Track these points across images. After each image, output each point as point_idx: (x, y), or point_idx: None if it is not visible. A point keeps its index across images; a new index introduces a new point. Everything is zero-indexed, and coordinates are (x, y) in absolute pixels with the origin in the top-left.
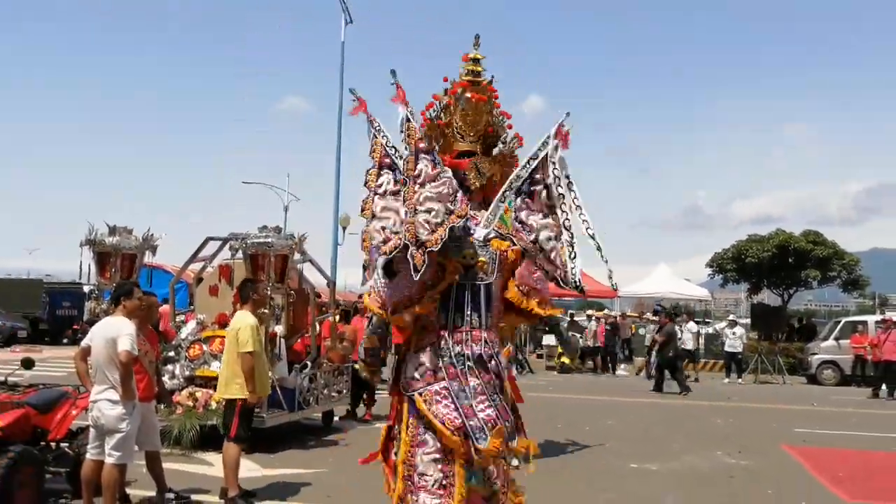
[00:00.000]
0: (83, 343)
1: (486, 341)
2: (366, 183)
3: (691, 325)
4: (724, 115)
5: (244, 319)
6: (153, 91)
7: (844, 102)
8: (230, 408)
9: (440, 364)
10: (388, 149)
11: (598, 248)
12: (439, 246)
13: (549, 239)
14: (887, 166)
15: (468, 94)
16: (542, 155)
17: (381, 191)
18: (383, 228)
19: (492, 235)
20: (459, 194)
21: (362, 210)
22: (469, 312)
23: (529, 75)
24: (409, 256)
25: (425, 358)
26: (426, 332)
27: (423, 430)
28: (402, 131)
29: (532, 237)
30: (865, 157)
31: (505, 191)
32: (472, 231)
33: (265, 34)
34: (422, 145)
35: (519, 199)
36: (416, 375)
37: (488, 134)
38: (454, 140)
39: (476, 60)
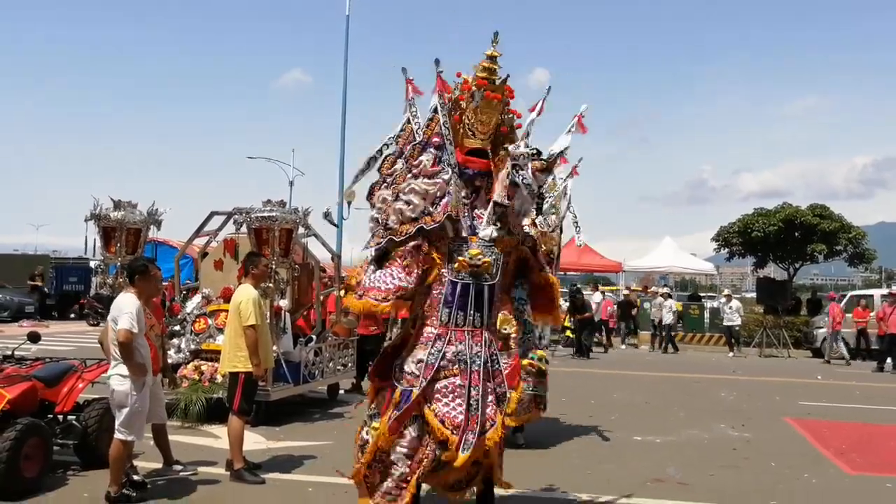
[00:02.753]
0: (108, 318)
1: (487, 342)
2: (379, 168)
3: (671, 302)
4: (731, 86)
5: (245, 293)
6: (156, 65)
7: (853, 75)
8: (233, 381)
9: (441, 362)
10: (416, 135)
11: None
12: (400, 239)
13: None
14: (894, 139)
15: (484, 92)
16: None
17: (416, 170)
18: (401, 212)
19: (494, 235)
20: (445, 199)
21: (369, 195)
22: (472, 312)
23: (534, 49)
24: (369, 230)
25: (423, 354)
26: (425, 327)
27: (408, 423)
28: (427, 119)
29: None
30: (873, 131)
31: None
32: (477, 230)
33: (269, 6)
34: (436, 140)
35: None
36: (415, 371)
37: (500, 133)
38: (465, 136)
39: (493, 58)
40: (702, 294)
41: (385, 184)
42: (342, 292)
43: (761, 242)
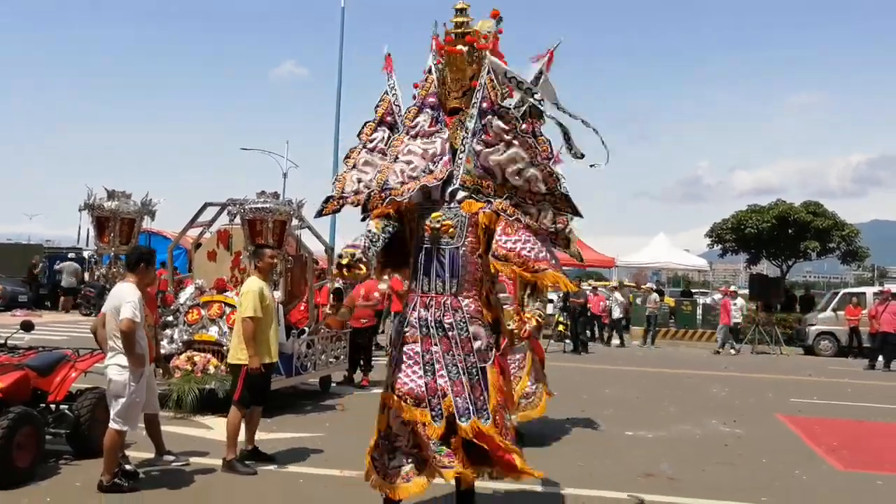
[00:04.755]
0: (103, 309)
1: (448, 307)
2: (359, 133)
3: (618, 295)
4: (727, 84)
5: (249, 285)
6: (149, 56)
7: (849, 73)
8: (236, 372)
9: (405, 329)
10: (394, 107)
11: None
12: (405, 198)
13: (520, 171)
14: (890, 138)
15: (446, 49)
16: (483, 81)
17: (371, 145)
18: (359, 181)
19: (460, 196)
20: (446, 158)
21: (346, 157)
22: (434, 277)
23: (529, 42)
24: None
25: (398, 321)
26: (407, 295)
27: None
28: (421, 80)
29: (498, 181)
30: (868, 129)
31: (463, 139)
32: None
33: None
34: (431, 100)
35: (476, 142)
36: (393, 337)
37: (473, 86)
38: (446, 97)
39: (461, 11)
40: (694, 290)
41: (365, 149)
42: (335, 284)
43: (755, 239)
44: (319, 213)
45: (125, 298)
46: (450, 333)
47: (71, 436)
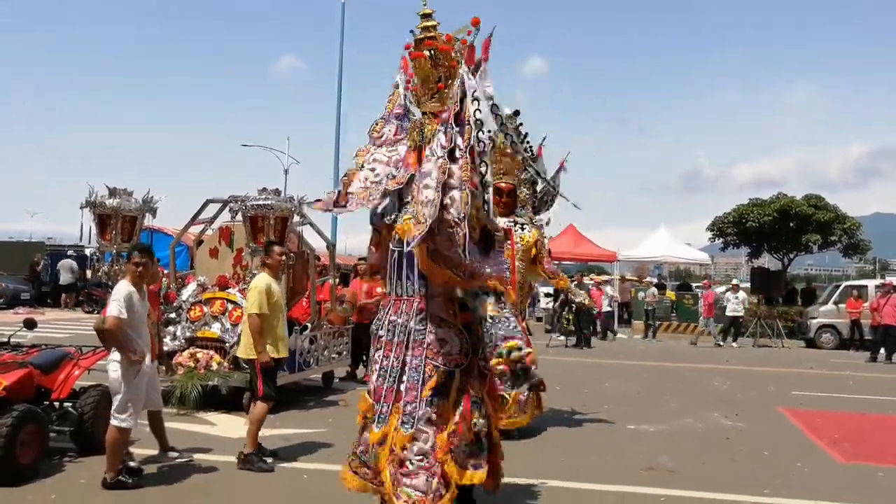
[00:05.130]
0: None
1: (416, 310)
2: (370, 132)
3: (607, 289)
4: (728, 76)
5: (256, 282)
6: (150, 54)
7: (850, 64)
8: (253, 369)
9: (379, 332)
10: (406, 101)
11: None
12: (366, 204)
13: (425, 186)
14: (889, 129)
15: (408, 53)
16: (454, 91)
17: (379, 141)
18: (366, 178)
19: (405, 214)
20: (410, 161)
21: (356, 155)
22: (405, 280)
23: (531, 37)
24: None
25: (374, 323)
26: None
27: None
28: (389, 94)
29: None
30: (869, 121)
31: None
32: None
33: None
34: (398, 111)
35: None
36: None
37: (439, 89)
38: (419, 103)
39: (426, 16)
40: (695, 284)
41: (374, 146)
42: (336, 280)
43: (756, 232)
44: (335, 204)
45: (113, 296)
46: (412, 337)
47: (75, 433)
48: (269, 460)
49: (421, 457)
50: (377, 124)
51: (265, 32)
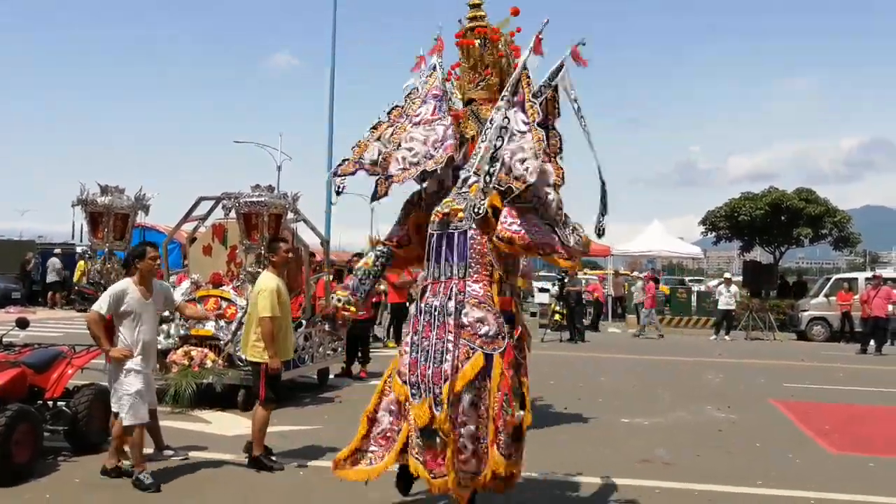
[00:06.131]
0: None
1: (455, 291)
2: (389, 112)
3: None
4: (721, 68)
5: (266, 283)
6: (143, 49)
7: (841, 57)
8: (256, 372)
9: (415, 315)
10: (443, 83)
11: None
12: (402, 183)
13: (524, 160)
14: (881, 121)
15: (457, 41)
16: (517, 75)
17: (416, 119)
18: (403, 158)
19: (472, 181)
20: (448, 143)
21: (373, 128)
22: (444, 263)
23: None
24: (376, 183)
25: (413, 308)
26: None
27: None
28: (426, 77)
29: (504, 170)
30: (860, 112)
31: (485, 129)
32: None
33: None
34: (435, 92)
35: (509, 140)
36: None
37: (486, 76)
38: (466, 90)
39: (475, 6)
40: (689, 278)
41: (410, 122)
42: (331, 277)
43: (748, 226)
44: (335, 174)
45: (106, 291)
46: (450, 319)
47: (69, 432)
48: (275, 458)
49: (469, 440)
50: (414, 103)
51: (257, 28)
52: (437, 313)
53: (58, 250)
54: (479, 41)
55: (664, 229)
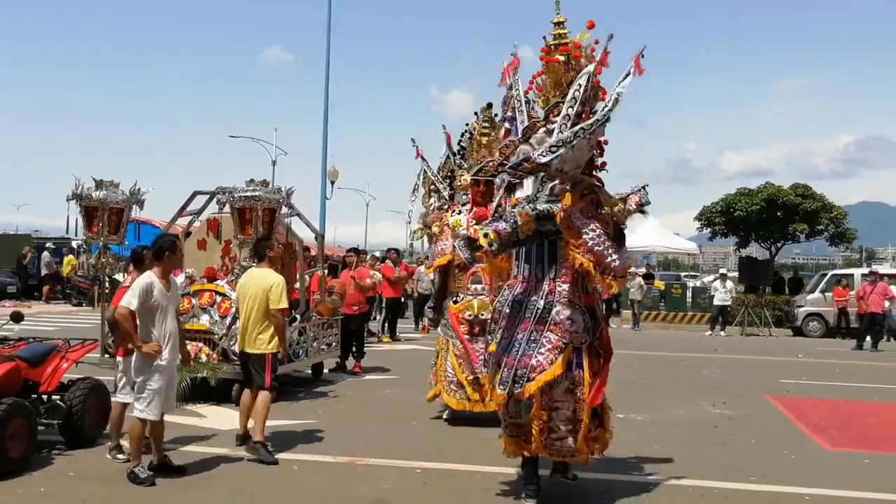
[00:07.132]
0: None
1: (545, 291)
2: (522, 133)
3: None
4: (717, 65)
5: (271, 278)
6: (136, 43)
7: (836, 54)
8: (261, 362)
9: (504, 309)
10: (515, 102)
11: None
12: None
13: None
14: (876, 118)
15: (541, 56)
16: (582, 82)
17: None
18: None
19: (557, 189)
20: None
21: (517, 146)
22: (535, 265)
23: (519, 26)
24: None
25: (497, 303)
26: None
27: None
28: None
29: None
30: (857, 110)
31: (560, 128)
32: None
33: None
34: (510, 114)
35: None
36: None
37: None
38: (547, 104)
39: (559, 24)
40: (684, 274)
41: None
42: (325, 271)
43: (744, 222)
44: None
45: (132, 286)
46: (539, 315)
47: (63, 426)
48: (270, 450)
49: (565, 422)
50: (499, 128)
51: (251, 23)
52: (526, 309)
53: (49, 244)
54: (563, 58)
55: (659, 225)
